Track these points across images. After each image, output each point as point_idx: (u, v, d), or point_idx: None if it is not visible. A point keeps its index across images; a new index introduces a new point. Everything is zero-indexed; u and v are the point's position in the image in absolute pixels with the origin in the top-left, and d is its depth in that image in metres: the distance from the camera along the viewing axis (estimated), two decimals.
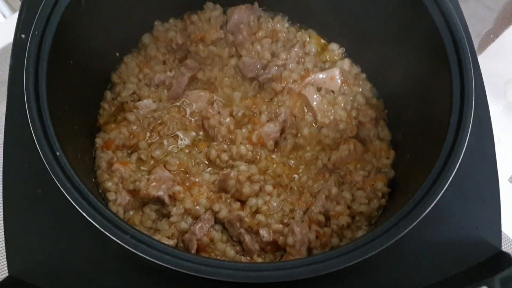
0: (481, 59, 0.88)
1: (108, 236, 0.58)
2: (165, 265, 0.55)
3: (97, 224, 0.57)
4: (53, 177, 0.59)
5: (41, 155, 0.60)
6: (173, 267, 0.54)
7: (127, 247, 0.55)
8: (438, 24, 0.74)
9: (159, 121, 0.90)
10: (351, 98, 0.94)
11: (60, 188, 0.59)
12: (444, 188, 0.63)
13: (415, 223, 0.60)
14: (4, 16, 1.40)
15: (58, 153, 0.62)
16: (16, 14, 1.27)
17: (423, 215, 0.60)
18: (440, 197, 0.63)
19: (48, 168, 0.59)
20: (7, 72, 1.11)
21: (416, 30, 0.80)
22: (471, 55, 0.73)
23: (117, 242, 0.57)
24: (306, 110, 0.93)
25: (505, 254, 0.61)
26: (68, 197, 0.58)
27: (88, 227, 0.59)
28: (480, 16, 1.34)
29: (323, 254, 0.58)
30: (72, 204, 0.59)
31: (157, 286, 0.61)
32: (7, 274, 0.60)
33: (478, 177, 0.70)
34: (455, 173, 0.64)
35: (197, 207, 0.81)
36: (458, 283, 0.56)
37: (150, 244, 0.56)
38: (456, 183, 0.66)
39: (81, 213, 0.58)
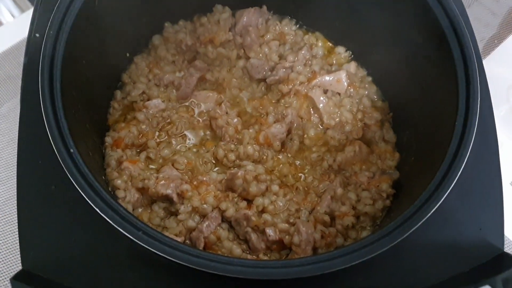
0: (485, 63, 0.89)
1: (120, 232, 0.59)
2: (176, 260, 0.56)
3: (110, 220, 0.58)
4: (67, 173, 0.60)
5: (56, 152, 0.62)
6: (183, 263, 0.56)
7: (139, 242, 0.57)
8: (445, 29, 0.75)
9: (167, 121, 0.92)
10: (357, 100, 0.95)
11: (73, 185, 0.61)
12: (448, 191, 0.64)
13: (419, 224, 0.61)
14: (13, 16, 1.42)
15: (72, 150, 0.63)
16: (25, 14, 1.29)
17: (427, 216, 0.62)
18: (444, 199, 0.64)
19: (62, 164, 0.61)
20: (16, 69, 1.16)
21: (423, 34, 0.81)
22: (477, 60, 0.74)
23: (129, 238, 0.58)
24: (312, 112, 0.94)
25: (508, 255, 0.63)
26: (82, 193, 0.59)
27: (100, 223, 0.60)
28: (484, 21, 1.35)
29: (329, 253, 0.59)
30: (85, 200, 0.60)
31: (166, 281, 0.62)
32: (20, 268, 0.61)
33: (481, 180, 0.71)
34: (459, 175, 0.66)
35: (205, 205, 0.82)
36: (461, 283, 0.58)
37: (161, 240, 0.58)
38: (459, 185, 0.67)
39: (94, 209, 0.60)
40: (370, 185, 0.85)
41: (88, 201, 0.59)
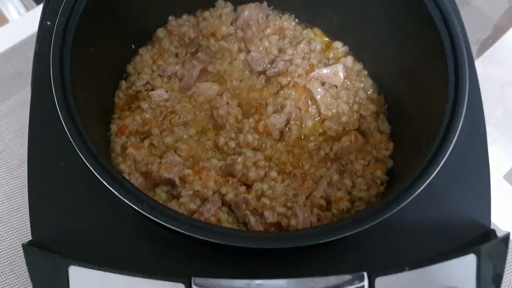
0: (478, 63, 0.92)
1: (125, 206, 0.63)
2: (178, 230, 0.59)
3: (116, 192, 0.61)
4: (77, 149, 0.63)
5: (66, 130, 0.65)
6: (187, 232, 0.58)
7: (144, 213, 0.60)
8: (439, 26, 0.79)
9: (170, 110, 0.95)
10: (353, 92, 0.99)
11: (82, 160, 0.64)
12: (435, 172, 0.67)
13: (406, 202, 0.64)
14: (19, 14, 1.47)
15: (80, 130, 0.67)
16: (30, 12, 1.34)
17: (416, 193, 0.64)
18: (435, 182, 0.67)
19: (72, 141, 0.64)
20: (23, 63, 1.19)
21: (416, 30, 0.85)
22: (467, 53, 0.78)
23: (134, 211, 0.62)
24: (310, 103, 0.98)
25: (494, 231, 0.66)
26: (90, 167, 0.62)
27: (107, 197, 0.64)
28: (478, 24, 1.38)
29: (323, 226, 0.62)
30: (93, 175, 0.63)
31: (168, 253, 0.65)
32: (30, 238, 0.64)
33: (470, 164, 0.75)
34: (450, 160, 0.69)
35: (205, 189, 0.85)
36: (448, 254, 0.61)
37: (165, 212, 0.61)
38: (450, 169, 0.71)
39: (100, 183, 0.63)
40: (365, 172, 0.89)
41: (96, 174, 0.62)
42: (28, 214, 0.66)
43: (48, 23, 0.77)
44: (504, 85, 1.29)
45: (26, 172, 0.93)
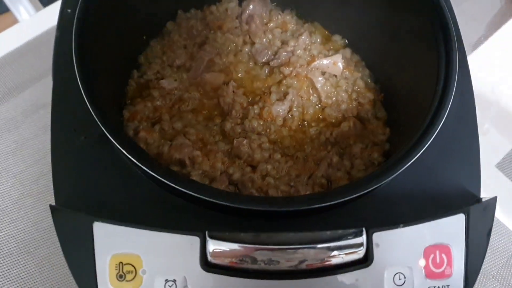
0: (470, 61, 0.98)
1: (141, 175, 0.68)
2: (192, 193, 0.64)
3: (136, 160, 0.66)
4: (98, 122, 0.68)
5: (88, 105, 0.70)
6: (202, 196, 0.63)
7: (161, 179, 0.64)
8: (433, 20, 0.85)
9: (179, 98, 1.01)
10: (352, 82, 1.05)
11: (102, 133, 0.68)
12: (426, 146, 0.71)
13: (397, 174, 0.68)
14: (29, 14, 1.55)
15: (102, 108, 0.72)
16: (39, 13, 1.41)
17: (407, 165, 0.69)
18: (428, 156, 0.72)
19: (94, 115, 0.69)
20: (36, 60, 1.25)
21: (409, 20, 0.91)
22: (457, 37, 0.84)
23: (150, 179, 0.67)
24: (311, 92, 1.03)
25: (481, 199, 0.71)
26: (112, 140, 0.67)
27: (124, 166, 0.70)
28: (470, 26, 1.45)
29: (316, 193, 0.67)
30: (112, 147, 0.69)
31: (180, 216, 0.70)
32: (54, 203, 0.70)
33: (461, 140, 0.80)
34: (442, 136, 0.74)
35: (214, 170, 0.90)
36: (440, 215, 0.66)
37: (178, 177, 0.66)
38: (441, 145, 0.77)
39: (119, 153, 0.68)
40: (363, 154, 0.94)
41: (117, 145, 0.67)
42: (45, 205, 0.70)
43: (69, 10, 0.83)
44: (495, 81, 1.35)
45: (39, 168, 1.00)
